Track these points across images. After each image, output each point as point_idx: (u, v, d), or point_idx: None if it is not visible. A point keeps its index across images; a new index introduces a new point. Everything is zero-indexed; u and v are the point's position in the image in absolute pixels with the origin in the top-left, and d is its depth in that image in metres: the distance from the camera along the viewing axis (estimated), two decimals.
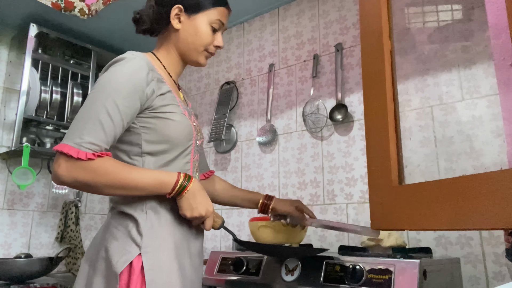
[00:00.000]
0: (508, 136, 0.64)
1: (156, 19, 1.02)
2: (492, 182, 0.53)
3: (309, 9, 1.96)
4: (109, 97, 0.85)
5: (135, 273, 0.84)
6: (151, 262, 0.86)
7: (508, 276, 1.22)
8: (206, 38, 1.02)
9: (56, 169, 0.82)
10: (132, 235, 0.88)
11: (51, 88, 2.17)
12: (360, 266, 1.04)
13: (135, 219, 0.89)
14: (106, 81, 0.87)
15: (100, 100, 0.84)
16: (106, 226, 0.94)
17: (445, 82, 1.39)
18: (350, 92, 1.72)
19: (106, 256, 0.87)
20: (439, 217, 0.60)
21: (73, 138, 0.82)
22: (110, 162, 0.85)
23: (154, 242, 0.88)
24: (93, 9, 2.09)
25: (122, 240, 0.88)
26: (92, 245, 0.95)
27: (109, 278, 0.85)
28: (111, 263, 0.85)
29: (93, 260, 0.90)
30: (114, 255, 0.86)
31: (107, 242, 0.89)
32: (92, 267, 0.89)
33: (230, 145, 2.10)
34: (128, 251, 0.86)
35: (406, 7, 1.29)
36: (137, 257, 0.85)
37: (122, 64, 0.90)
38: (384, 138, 0.73)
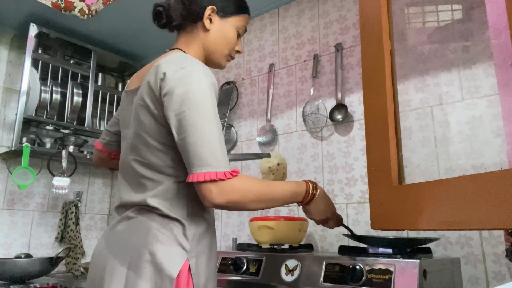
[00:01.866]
0: (508, 136, 0.64)
1: (186, 16, 1.01)
2: (492, 182, 0.53)
3: (309, 9, 1.96)
4: (210, 112, 0.86)
5: (184, 276, 0.86)
6: (196, 267, 0.89)
7: (508, 276, 1.22)
8: (233, 42, 1.04)
9: (209, 195, 0.84)
10: (179, 240, 0.89)
11: (51, 88, 2.17)
12: (360, 266, 1.04)
13: (180, 223, 0.90)
14: (202, 98, 0.86)
15: (210, 119, 0.85)
16: (143, 228, 0.90)
17: (445, 82, 1.39)
18: (350, 92, 1.72)
19: (153, 260, 0.86)
20: (439, 217, 0.60)
21: (208, 163, 0.83)
22: (248, 179, 0.89)
23: (197, 247, 0.91)
24: (93, 9, 2.09)
25: (168, 244, 0.88)
26: (127, 247, 0.90)
27: (160, 281, 0.85)
28: (162, 267, 0.85)
29: (134, 264, 0.86)
30: (164, 259, 0.86)
31: (152, 245, 0.87)
32: (134, 270, 0.86)
33: (230, 145, 2.10)
34: (179, 255, 0.87)
35: (406, 7, 1.29)
36: (185, 262, 0.88)
37: (205, 76, 0.89)
38: (384, 138, 0.73)
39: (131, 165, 0.95)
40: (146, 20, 1.27)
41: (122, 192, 0.98)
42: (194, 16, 1.00)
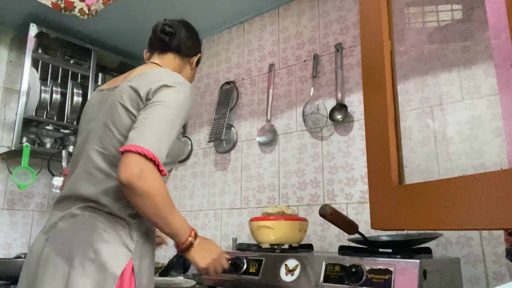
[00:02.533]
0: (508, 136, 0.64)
1: (187, 48, 1.23)
2: (492, 182, 0.53)
3: (309, 9, 1.96)
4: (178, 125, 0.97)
5: (127, 275, 0.91)
6: (139, 267, 0.94)
7: (508, 276, 1.22)
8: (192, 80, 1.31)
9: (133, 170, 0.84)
10: (124, 240, 0.93)
11: (51, 88, 2.17)
12: (360, 266, 1.04)
13: (127, 223, 0.95)
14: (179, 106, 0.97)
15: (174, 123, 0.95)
16: (88, 227, 0.92)
17: (445, 82, 1.39)
18: (350, 92, 1.72)
19: (96, 258, 0.88)
20: (439, 217, 0.60)
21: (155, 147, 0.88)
22: (164, 187, 0.91)
23: (142, 249, 0.96)
24: (93, 9, 2.09)
25: (113, 243, 0.91)
26: (71, 246, 0.91)
27: (103, 280, 0.87)
28: (106, 266, 0.88)
29: (78, 262, 0.88)
30: (108, 258, 0.89)
31: (97, 244, 0.90)
32: (76, 268, 0.87)
33: (230, 145, 2.10)
34: (123, 255, 0.92)
35: (406, 7, 1.29)
36: (129, 262, 0.92)
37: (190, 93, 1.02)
38: (384, 138, 0.73)
39: (89, 154, 0.98)
40: (146, 20, 1.32)
41: (70, 184, 1.00)
42: (188, 52, 1.24)
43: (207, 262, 1.01)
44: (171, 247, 2.22)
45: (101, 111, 1.03)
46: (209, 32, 2.37)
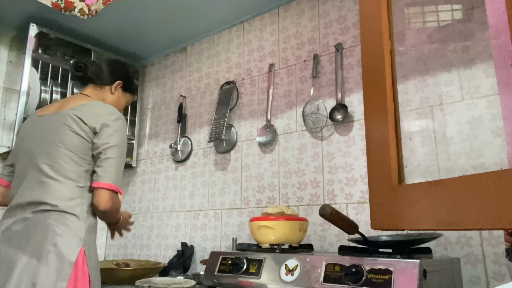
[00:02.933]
0: (508, 136, 0.64)
1: (100, 77, 1.44)
2: (492, 182, 0.53)
3: (309, 9, 1.96)
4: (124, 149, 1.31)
5: (80, 260, 1.14)
6: (89, 252, 1.18)
7: (508, 276, 1.22)
8: (122, 107, 1.53)
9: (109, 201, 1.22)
10: (76, 232, 1.17)
11: (51, 88, 2.17)
12: (360, 266, 1.04)
13: (77, 218, 1.19)
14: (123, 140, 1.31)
15: (123, 155, 1.30)
16: (42, 226, 1.15)
17: (445, 82, 1.39)
18: (350, 92, 1.72)
19: (55, 250, 1.11)
20: (439, 217, 0.60)
21: (117, 182, 1.25)
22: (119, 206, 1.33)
23: (89, 238, 1.21)
24: (93, 9, 2.09)
25: (66, 236, 1.14)
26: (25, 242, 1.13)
27: (61, 266, 1.10)
28: (63, 255, 1.11)
29: (36, 253, 1.10)
30: (64, 248, 1.12)
31: (52, 238, 1.12)
32: (37, 258, 1.09)
33: (230, 145, 2.10)
34: (75, 244, 1.15)
35: (406, 7, 1.29)
36: (81, 248, 1.16)
37: (125, 128, 1.33)
38: (384, 138, 0.73)
39: (39, 166, 1.22)
40: (146, 20, 1.32)
41: (19, 194, 1.22)
42: (106, 81, 1.45)
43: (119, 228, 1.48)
44: (171, 247, 2.22)
45: (46, 132, 1.27)
46: (209, 32, 2.37)
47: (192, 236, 2.17)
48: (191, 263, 2.05)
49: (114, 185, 1.23)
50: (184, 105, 2.42)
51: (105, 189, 1.21)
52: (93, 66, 1.44)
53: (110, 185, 1.22)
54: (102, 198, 1.21)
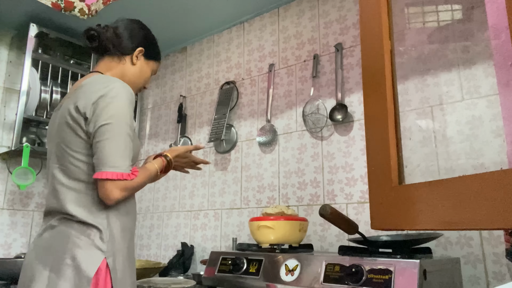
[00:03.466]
0: (508, 136, 0.64)
1: (117, 47, 1.21)
2: (492, 182, 0.53)
3: (309, 9, 1.96)
4: (128, 126, 1.06)
5: (102, 273, 0.99)
6: (113, 264, 1.02)
7: (508, 276, 1.22)
8: (148, 79, 1.29)
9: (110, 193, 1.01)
10: (96, 243, 1.02)
11: (51, 88, 2.17)
12: (360, 266, 1.04)
13: (97, 228, 1.03)
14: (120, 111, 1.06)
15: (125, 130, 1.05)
16: (64, 236, 1.03)
17: (445, 82, 1.39)
18: (350, 92, 1.72)
19: (73, 263, 0.98)
20: (439, 217, 0.60)
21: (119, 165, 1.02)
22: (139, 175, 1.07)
23: (113, 247, 1.04)
24: (93, 9, 2.09)
25: (86, 248, 1.01)
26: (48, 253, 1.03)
27: (79, 281, 0.97)
28: (81, 269, 0.98)
29: (56, 267, 0.99)
30: (83, 262, 0.99)
31: (72, 251, 1.00)
32: (56, 273, 0.98)
33: (230, 145, 2.10)
34: (96, 257, 1.00)
35: (406, 7, 1.29)
36: (103, 261, 1.01)
37: (124, 93, 1.08)
38: (384, 138, 0.73)
39: (53, 172, 1.09)
40: (146, 20, 1.32)
41: (47, 200, 1.11)
42: (125, 50, 1.21)
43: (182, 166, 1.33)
44: (171, 247, 2.22)
45: (53, 131, 1.13)
46: (209, 32, 2.37)
47: (192, 236, 2.17)
48: (191, 263, 2.05)
49: (112, 171, 1.00)
50: (184, 105, 2.42)
51: (103, 180, 1.01)
52: (109, 32, 1.20)
53: (105, 173, 1.00)
54: (103, 192, 1.01)
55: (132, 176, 1.04)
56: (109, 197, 1.01)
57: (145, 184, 1.11)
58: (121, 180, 1.01)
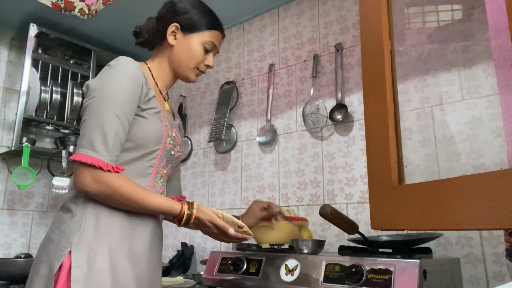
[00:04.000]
0: (508, 136, 0.64)
1: (153, 34, 1.09)
2: (492, 182, 0.53)
3: (309, 9, 1.96)
4: (119, 106, 0.90)
5: (64, 270, 0.86)
6: (80, 260, 0.87)
7: (508, 276, 1.22)
8: (198, 56, 1.08)
9: (82, 180, 0.87)
10: (65, 234, 0.90)
11: (51, 88, 2.17)
12: (360, 266, 1.04)
13: (73, 214, 0.92)
14: (111, 88, 0.92)
15: (112, 109, 0.90)
16: (48, 229, 0.97)
17: (445, 82, 1.39)
18: (350, 92, 1.72)
19: (46, 260, 0.90)
20: (439, 217, 0.60)
21: (98, 150, 0.87)
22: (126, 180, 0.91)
23: (87, 241, 0.89)
24: (93, 9, 2.09)
25: (57, 241, 0.90)
26: (38, 248, 0.97)
27: (48, 278, 0.87)
28: (51, 265, 0.88)
29: (36, 263, 0.93)
30: (52, 258, 0.89)
31: (46, 246, 0.92)
32: (34, 269, 0.92)
33: (230, 145, 2.10)
34: (61, 251, 0.88)
35: (406, 7, 1.29)
36: (68, 255, 0.87)
37: (122, 70, 0.95)
38: (384, 138, 0.73)
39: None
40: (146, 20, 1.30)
41: None
42: (161, 33, 1.08)
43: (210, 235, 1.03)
44: (171, 247, 2.22)
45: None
46: None
47: (192, 236, 2.17)
48: (191, 263, 2.05)
49: (86, 154, 0.86)
50: (184, 105, 2.42)
51: (76, 163, 0.88)
52: (149, 22, 1.11)
53: (78, 155, 0.87)
54: (74, 176, 0.89)
55: (111, 168, 0.87)
56: (77, 183, 0.88)
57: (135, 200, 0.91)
58: (95, 168, 0.86)
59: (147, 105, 0.99)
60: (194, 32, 1.07)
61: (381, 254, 1.12)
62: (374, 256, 1.08)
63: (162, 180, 1.06)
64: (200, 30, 1.07)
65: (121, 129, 0.90)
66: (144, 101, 0.98)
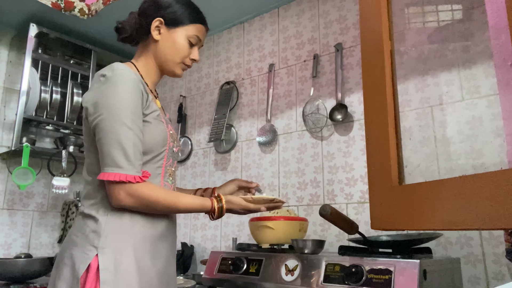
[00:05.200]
0: (508, 136, 0.64)
1: (137, 29, 1.08)
2: (492, 182, 0.53)
3: (309, 9, 1.96)
4: (129, 118, 0.92)
5: (92, 272, 0.88)
6: (107, 262, 0.89)
7: (508, 276, 1.22)
8: (183, 51, 1.08)
9: (117, 196, 0.91)
10: (90, 238, 0.92)
11: (51, 88, 2.17)
12: (360, 266, 1.04)
13: (95, 219, 0.94)
14: (117, 102, 0.93)
15: (124, 123, 0.92)
16: (69, 234, 0.99)
17: (445, 82, 1.39)
18: (350, 92, 1.72)
19: (70, 263, 0.92)
20: (439, 217, 0.60)
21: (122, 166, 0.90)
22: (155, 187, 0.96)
23: (112, 243, 0.92)
24: (93, 9, 2.09)
25: (81, 245, 0.93)
26: (59, 251, 0.99)
27: (72, 281, 0.89)
28: (75, 268, 0.90)
29: (58, 266, 0.95)
30: (77, 260, 0.91)
31: (70, 249, 0.94)
32: (57, 272, 0.94)
33: (230, 145, 2.10)
34: (87, 254, 0.91)
35: (406, 7, 1.29)
36: (94, 258, 0.90)
37: (121, 81, 0.95)
38: (384, 138, 0.73)
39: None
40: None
41: None
42: (145, 29, 1.07)
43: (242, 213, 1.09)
44: None
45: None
46: (209, 32, 2.37)
47: (192, 236, 2.17)
48: (191, 263, 2.05)
49: (113, 173, 0.90)
50: (184, 105, 2.42)
51: (107, 182, 0.92)
52: (131, 17, 1.09)
53: (106, 174, 0.90)
54: (109, 195, 0.93)
55: (139, 179, 0.92)
56: (113, 200, 0.92)
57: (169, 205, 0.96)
58: (125, 183, 0.90)
59: (148, 109, 1.00)
60: (178, 26, 1.06)
61: (381, 254, 1.12)
62: (374, 256, 1.08)
63: (172, 178, 1.09)
64: (184, 24, 1.07)
65: (136, 140, 0.93)
66: (146, 107, 0.99)
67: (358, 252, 1.16)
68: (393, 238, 1.25)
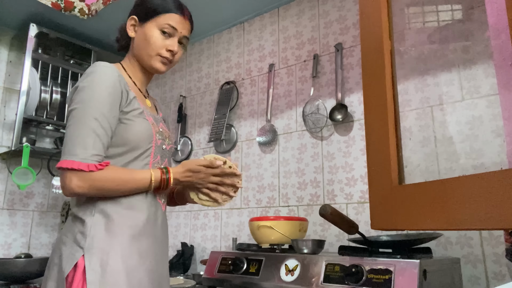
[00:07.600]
0: (508, 136, 0.64)
1: (122, 34, 1.14)
2: (492, 182, 0.53)
3: (309, 9, 1.96)
4: (98, 110, 0.93)
5: (79, 272, 0.89)
6: (94, 263, 0.90)
7: (508, 276, 1.22)
8: (155, 42, 1.07)
9: (69, 184, 0.91)
10: (77, 238, 0.93)
11: (51, 88, 2.17)
12: (360, 266, 1.04)
13: (82, 221, 0.95)
14: (89, 95, 0.95)
15: (91, 114, 0.93)
16: (61, 232, 1.00)
17: (445, 82, 1.39)
18: (350, 92, 1.72)
19: (58, 262, 0.93)
20: (439, 217, 0.60)
21: (77, 153, 0.91)
22: (110, 171, 0.94)
23: (98, 244, 0.92)
24: (93, 9, 2.09)
25: (69, 244, 0.94)
26: (52, 251, 1.01)
27: (60, 281, 0.91)
28: (61, 268, 0.91)
29: (50, 265, 0.96)
30: (64, 260, 0.92)
31: (59, 249, 0.95)
32: (48, 271, 0.95)
33: (230, 145, 2.10)
34: (73, 255, 0.92)
35: (406, 7, 1.28)
36: (81, 258, 0.91)
37: (98, 76, 0.97)
38: (384, 138, 0.73)
39: None
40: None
41: None
42: (125, 31, 1.11)
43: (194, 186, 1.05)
44: (171, 247, 2.21)
45: None
46: (209, 32, 2.37)
47: (192, 236, 2.17)
48: (191, 263, 2.05)
49: (68, 160, 0.90)
50: (184, 105, 2.42)
51: (60, 170, 0.92)
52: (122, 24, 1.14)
53: (60, 162, 0.91)
54: (60, 183, 0.94)
55: (92, 167, 0.90)
56: (64, 188, 0.92)
57: (121, 185, 0.95)
58: (76, 171, 0.89)
59: (129, 107, 1.00)
60: (149, 20, 1.07)
61: (381, 254, 1.12)
62: (374, 256, 1.08)
63: None
64: (154, 16, 1.07)
65: (101, 131, 0.93)
66: (126, 105, 1.00)
67: (358, 252, 1.16)
68: (393, 238, 1.26)
